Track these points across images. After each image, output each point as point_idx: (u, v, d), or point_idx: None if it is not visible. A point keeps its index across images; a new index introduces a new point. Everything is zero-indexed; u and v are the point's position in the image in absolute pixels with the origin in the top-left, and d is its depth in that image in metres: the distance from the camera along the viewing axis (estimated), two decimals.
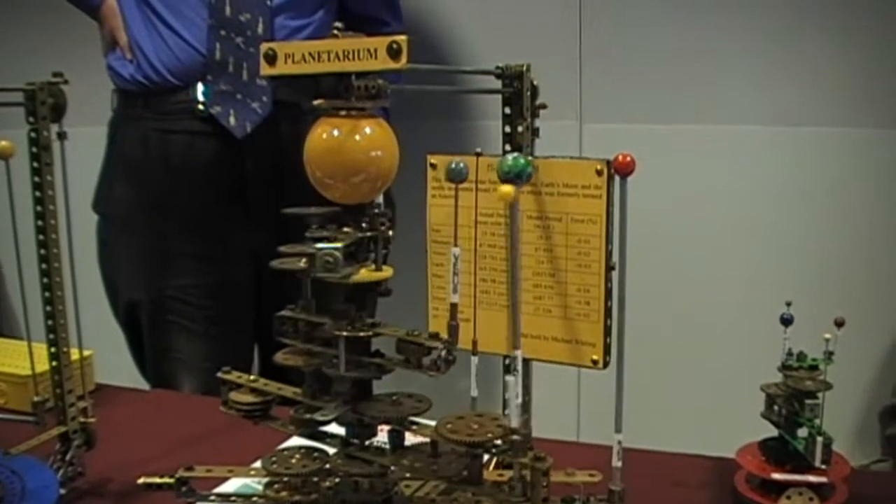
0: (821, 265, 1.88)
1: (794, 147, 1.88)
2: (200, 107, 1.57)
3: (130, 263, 1.70)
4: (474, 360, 0.78)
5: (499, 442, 0.69)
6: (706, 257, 1.99)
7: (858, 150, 1.84)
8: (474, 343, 0.74)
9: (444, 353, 0.68)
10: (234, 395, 0.81)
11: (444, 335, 0.70)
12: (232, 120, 1.56)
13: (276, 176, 1.59)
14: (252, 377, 0.81)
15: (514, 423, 0.69)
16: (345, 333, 0.71)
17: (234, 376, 0.82)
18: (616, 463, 0.73)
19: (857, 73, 1.81)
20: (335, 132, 0.69)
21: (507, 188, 0.64)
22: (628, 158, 0.68)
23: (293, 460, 0.76)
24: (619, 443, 0.72)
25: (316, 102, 0.70)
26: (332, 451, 0.78)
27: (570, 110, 1.98)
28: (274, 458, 0.76)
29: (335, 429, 0.78)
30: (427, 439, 0.73)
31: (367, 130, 0.70)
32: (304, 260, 0.70)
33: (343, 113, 0.69)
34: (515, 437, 0.69)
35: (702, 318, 1.99)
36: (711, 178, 1.96)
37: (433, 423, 0.72)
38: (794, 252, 1.90)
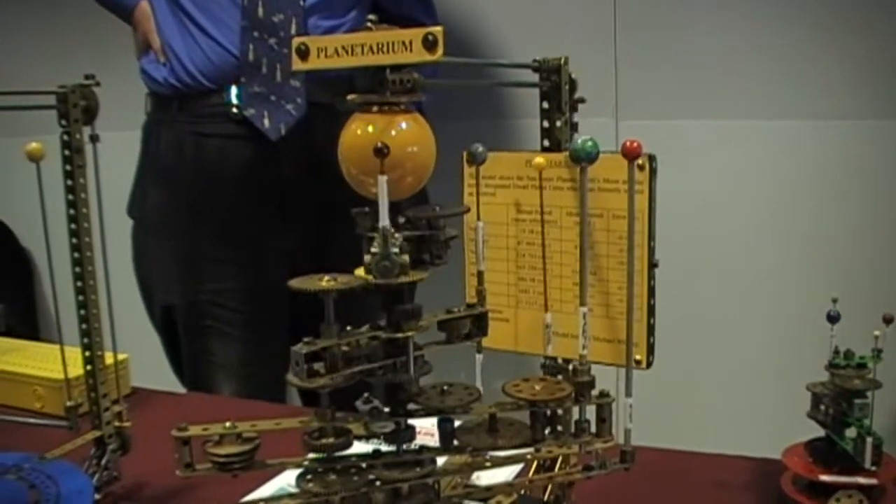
0: (868, 260, 1.84)
1: (838, 141, 1.85)
2: (234, 109, 1.57)
3: (165, 268, 1.70)
4: (479, 358, 0.80)
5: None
6: (749, 253, 1.96)
7: None
8: (479, 343, 0.76)
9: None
10: (213, 448, 0.71)
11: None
12: (266, 122, 1.55)
13: (312, 178, 1.58)
14: (227, 425, 0.72)
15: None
16: (410, 334, 0.70)
17: (198, 430, 0.72)
18: (628, 425, 0.73)
19: None
20: (370, 128, 0.67)
21: (541, 159, 0.73)
22: (635, 144, 0.68)
23: (330, 478, 0.71)
24: (630, 406, 0.73)
25: (350, 97, 0.68)
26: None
27: (607, 107, 1.96)
28: (310, 477, 0.71)
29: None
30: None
31: (403, 125, 0.68)
32: (325, 279, 0.67)
33: (377, 108, 0.67)
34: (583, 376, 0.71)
35: (746, 317, 1.96)
36: (752, 173, 1.93)
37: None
38: (840, 247, 1.87)
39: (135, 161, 1.74)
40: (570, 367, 0.75)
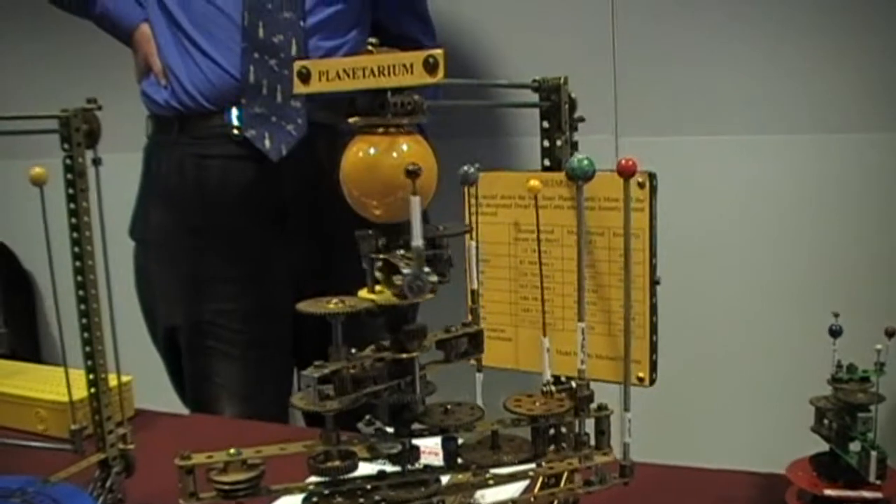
0: (870, 275, 1.84)
1: (839, 154, 1.86)
2: (235, 131, 1.57)
3: (168, 289, 1.70)
4: (479, 377, 0.81)
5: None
6: (749, 268, 1.96)
7: None
8: (478, 360, 0.78)
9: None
10: (217, 476, 0.70)
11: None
12: (267, 143, 1.56)
13: (314, 198, 1.59)
14: (231, 451, 0.71)
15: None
16: (415, 354, 0.70)
17: (202, 457, 0.71)
18: (626, 439, 0.75)
19: None
20: (371, 150, 0.67)
21: (535, 181, 0.73)
22: (631, 162, 0.70)
23: (336, 500, 0.71)
24: (629, 420, 0.74)
25: (351, 120, 0.68)
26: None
27: (606, 124, 1.96)
28: (315, 500, 0.71)
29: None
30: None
31: (405, 147, 0.68)
32: (332, 302, 0.67)
33: (380, 130, 0.67)
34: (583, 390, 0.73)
35: (748, 332, 1.96)
36: (753, 188, 1.94)
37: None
38: (841, 261, 1.87)
39: (136, 182, 1.74)
40: (571, 382, 0.76)
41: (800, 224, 1.90)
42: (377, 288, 0.68)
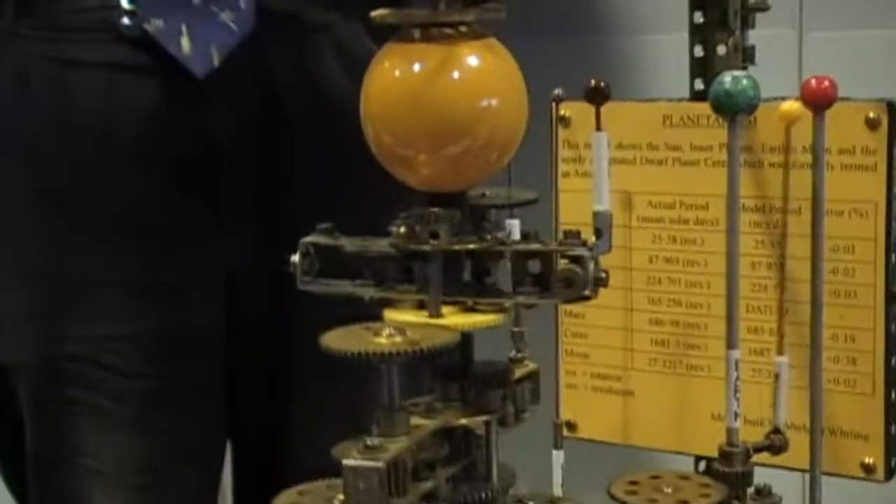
0: None
1: None
2: (125, 20, 1.11)
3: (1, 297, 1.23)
4: (558, 456, 0.63)
5: None
6: None
7: None
8: (559, 428, 0.63)
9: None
10: None
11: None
12: (185, 44, 1.08)
13: (267, 144, 1.13)
14: None
15: None
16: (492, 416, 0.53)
17: None
18: None
19: None
20: (416, 66, 0.49)
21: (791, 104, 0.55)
22: (826, 83, 0.51)
23: None
24: None
25: (378, 13, 0.50)
26: None
27: (786, 14, 1.45)
28: None
29: None
30: None
31: (473, 62, 0.50)
32: (384, 332, 0.48)
33: (431, 33, 0.50)
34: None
35: None
36: None
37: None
38: None
39: None
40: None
41: None
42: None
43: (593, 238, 0.52)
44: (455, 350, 0.51)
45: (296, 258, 0.53)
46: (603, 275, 0.51)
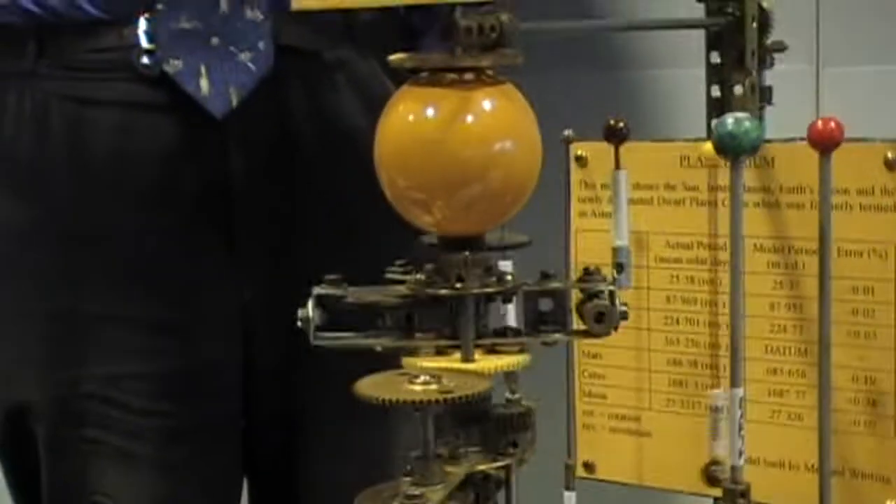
0: None
1: None
2: (145, 59, 1.11)
3: (16, 337, 1.23)
4: (570, 497, 0.63)
5: None
6: None
7: None
8: (571, 469, 0.63)
9: None
10: None
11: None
12: (204, 85, 1.09)
13: (283, 182, 1.13)
14: None
15: None
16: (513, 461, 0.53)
17: None
18: None
19: None
20: (430, 111, 0.50)
21: (708, 145, 0.54)
22: (832, 124, 0.51)
23: None
24: None
25: (396, 58, 0.51)
26: None
27: (802, 50, 1.43)
28: None
29: None
30: None
31: (488, 106, 0.50)
32: (418, 380, 0.48)
33: (448, 78, 0.50)
34: None
35: None
36: None
37: None
38: None
39: None
40: None
41: None
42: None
43: (612, 274, 0.53)
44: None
45: (304, 312, 0.54)
46: (625, 308, 0.52)
